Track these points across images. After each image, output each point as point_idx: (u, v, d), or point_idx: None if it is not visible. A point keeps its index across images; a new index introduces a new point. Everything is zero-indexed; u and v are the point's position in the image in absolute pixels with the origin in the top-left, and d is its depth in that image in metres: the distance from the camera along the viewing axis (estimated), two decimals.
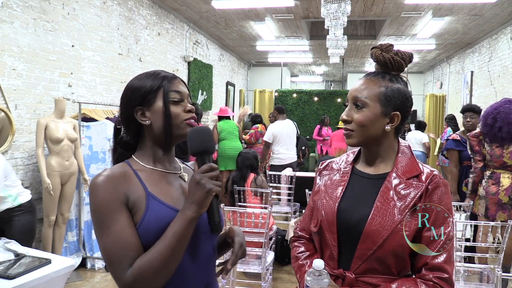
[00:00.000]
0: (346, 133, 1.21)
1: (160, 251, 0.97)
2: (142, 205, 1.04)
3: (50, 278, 2.14)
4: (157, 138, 1.13)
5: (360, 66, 13.54)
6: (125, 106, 1.13)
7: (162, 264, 0.97)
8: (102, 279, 3.74)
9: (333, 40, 6.45)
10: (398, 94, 1.18)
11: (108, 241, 1.00)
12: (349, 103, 1.22)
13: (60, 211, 3.73)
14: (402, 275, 1.14)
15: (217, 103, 9.47)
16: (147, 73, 1.15)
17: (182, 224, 0.99)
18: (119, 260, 0.98)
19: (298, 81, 18.33)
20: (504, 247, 2.67)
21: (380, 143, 1.21)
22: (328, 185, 1.28)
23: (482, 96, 8.26)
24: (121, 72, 5.36)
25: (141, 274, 0.96)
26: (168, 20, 6.87)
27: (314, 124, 10.15)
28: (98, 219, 1.02)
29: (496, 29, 7.61)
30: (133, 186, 1.06)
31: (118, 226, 1.00)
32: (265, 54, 11.50)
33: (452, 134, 4.09)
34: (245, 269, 3.30)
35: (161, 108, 1.10)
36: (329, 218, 1.21)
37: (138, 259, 0.98)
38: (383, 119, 1.17)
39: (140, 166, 1.12)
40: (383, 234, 1.10)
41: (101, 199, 1.01)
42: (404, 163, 1.19)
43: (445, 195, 1.14)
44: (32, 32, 3.79)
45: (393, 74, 1.21)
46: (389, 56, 1.20)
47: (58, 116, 3.67)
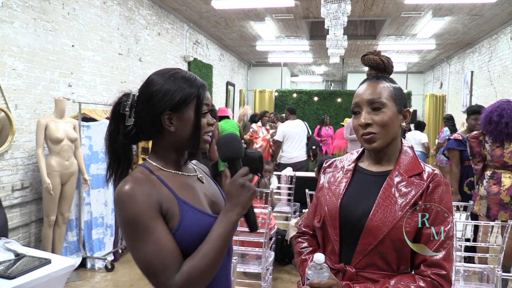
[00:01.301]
0: (369, 137, 1.21)
1: (206, 254, 0.98)
2: (176, 211, 1.03)
3: (50, 278, 2.14)
4: (178, 145, 1.10)
5: (360, 66, 13.54)
6: (152, 106, 1.06)
7: (210, 266, 0.99)
8: (102, 279, 3.74)
9: (333, 40, 6.45)
10: (401, 93, 1.25)
11: (150, 250, 0.97)
12: (364, 108, 1.22)
13: (60, 211, 3.72)
14: (401, 271, 1.16)
15: (217, 103, 9.47)
16: (180, 75, 1.09)
17: (226, 226, 1.01)
18: (164, 267, 0.97)
19: (298, 81, 18.33)
20: (504, 247, 2.68)
21: (393, 142, 1.25)
22: (332, 182, 1.32)
23: (482, 96, 8.26)
24: (121, 72, 5.36)
25: (190, 278, 0.97)
26: (168, 20, 6.88)
27: (314, 124, 10.15)
28: (135, 230, 0.98)
29: (496, 29, 7.61)
30: (162, 192, 1.04)
31: (158, 234, 0.98)
32: (265, 54, 11.50)
33: (454, 134, 4.08)
34: (245, 269, 3.29)
35: (191, 119, 1.07)
36: (332, 213, 1.24)
37: (184, 264, 0.98)
38: (399, 116, 1.23)
39: (160, 170, 1.09)
40: (384, 229, 1.13)
41: (135, 209, 0.97)
42: (406, 161, 1.22)
43: (446, 194, 1.16)
44: (32, 32, 3.79)
45: (387, 76, 1.28)
46: (385, 59, 1.28)
47: (58, 116, 3.67)
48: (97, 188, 4.08)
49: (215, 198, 1.19)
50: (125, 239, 1.02)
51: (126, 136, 1.09)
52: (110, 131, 1.11)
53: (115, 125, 1.10)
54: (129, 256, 4.35)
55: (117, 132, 1.10)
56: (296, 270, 3.96)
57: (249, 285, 3.44)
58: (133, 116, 1.09)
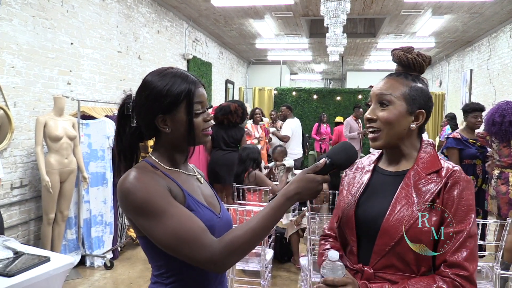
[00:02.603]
0: (372, 135, 1.20)
1: (253, 228, 1.00)
2: (182, 201, 1.05)
3: (49, 275, 2.14)
4: (176, 144, 1.12)
5: (359, 64, 13.53)
6: (146, 111, 1.09)
7: (252, 241, 1.00)
8: (101, 277, 3.74)
9: (332, 38, 6.45)
10: (421, 93, 1.20)
11: (172, 224, 0.97)
12: (374, 102, 1.21)
13: (59, 209, 3.72)
14: (422, 273, 1.12)
15: (216, 101, 9.46)
16: (171, 74, 1.10)
17: (280, 202, 1.03)
18: (194, 235, 0.97)
19: (297, 79, 18.33)
20: (504, 245, 2.69)
21: (404, 142, 1.21)
22: (351, 183, 1.31)
23: (482, 95, 8.26)
24: (120, 70, 5.35)
25: (232, 248, 0.98)
26: (167, 18, 6.86)
27: (313, 122, 10.15)
28: (150, 211, 0.97)
29: (496, 27, 7.60)
30: (168, 181, 1.06)
31: (176, 209, 0.99)
32: (264, 52, 11.49)
33: (453, 133, 4.07)
34: (244, 267, 3.30)
35: (184, 119, 1.08)
36: (348, 213, 1.24)
37: (227, 234, 1.00)
38: (409, 117, 1.18)
39: (163, 167, 1.11)
40: (401, 229, 1.09)
41: (146, 191, 0.98)
42: (425, 159, 1.19)
43: (466, 190, 1.11)
44: (31, 30, 3.78)
45: (415, 75, 1.23)
46: (412, 57, 1.22)
47: (57, 114, 3.66)
48: (96, 186, 4.08)
49: (212, 199, 1.21)
50: (142, 225, 1.00)
51: (131, 136, 1.14)
52: (117, 131, 1.16)
53: (121, 126, 1.15)
54: (129, 254, 4.35)
55: (124, 132, 1.15)
56: (296, 269, 3.97)
57: (248, 283, 3.45)
58: (134, 117, 1.13)
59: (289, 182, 1.08)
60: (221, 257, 0.97)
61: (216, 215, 1.14)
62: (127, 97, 1.15)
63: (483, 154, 3.81)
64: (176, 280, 1.07)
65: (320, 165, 1.09)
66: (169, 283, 1.07)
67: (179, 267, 1.06)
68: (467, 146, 3.79)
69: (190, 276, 1.08)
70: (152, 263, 1.11)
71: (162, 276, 1.08)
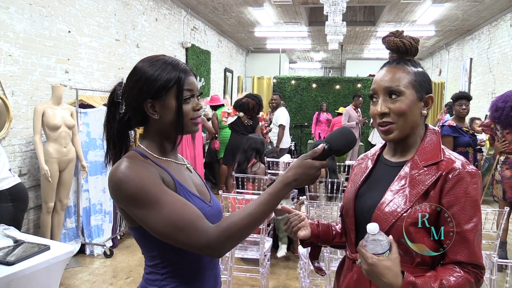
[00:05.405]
0: (385, 128, 1.14)
1: (251, 214, 1.00)
2: (173, 189, 1.05)
3: (49, 264, 2.15)
4: (164, 131, 1.11)
5: (359, 52, 13.46)
6: (135, 95, 1.08)
7: (249, 227, 1.00)
8: (101, 265, 3.77)
9: (332, 26, 6.41)
10: (424, 77, 1.17)
11: (167, 211, 0.97)
12: (381, 96, 1.15)
13: (58, 198, 3.73)
14: (416, 263, 1.09)
15: (215, 89, 9.43)
16: (162, 61, 1.09)
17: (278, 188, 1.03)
18: (189, 221, 0.97)
19: (296, 68, 18.25)
20: (501, 233, 2.74)
21: (415, 131, 1.17)
22: (356, 172, 1.31)
23: (481, 83, 8.24)
24: (118, 58, 5.31)
25: (229, 233, 0.98)
26: (165, 6, 6.80)
27: (312, 111, 10.13)
28: (144, 200, 0.97)
29: (496, 16, 7.55)
30: (160, 170, 1.06)
31: (170, 197, 0.99)
32: (263, 40, 11.41)
33: (448, 120, 4.08)
34: (243, 255, 3.32)
35: (173, 105, 1.07)
36: (349, 203, 1.24)
37: (224, 219, 1.00)
38: (419, 104, 1.15)
39: (153, 156, 1.10)
40: (390, 220, 1.08)
41: (139, 180, 0.98)
42: (427, 150, 1.15)
43: (471, 185, 1.06)
44: (28, 18, 3.74)
45: (412, 59, 1.20)
46: (408, 42, 1.18)
47: (55, 103, 3.64)
48: (95, 174, 4.08)
49: (202, 188, 1.21)
50: (136, 215, 1.00)
51: (119, 123, 1.13)
52: (107, 118, 1.16)
53: (111, 113, 1.15)
54: (128, 243, 4.37)
55: (113, 119, 1.14)
56: (295, 257, 4.00)
57: (247, 270, 3.47)
58: (124, 104, 1.12)
59: (287, 168, 1.07)
60: (218, 242, 0.97)
61: (207, 204, 1.14)
62: (118, 84, 1.15)
63: (474, 142, 3.92)
64: (171, 270, 1.08)
65: (318, 151, 1.07)
66: (164, 273, 1.08)
67: (173, 257, 1.07)
68: (461, 134, 3.84)
69: (184, 264, 1.09)
70: (145, 254, 1.11)
71: (157, 267, 1.08)
